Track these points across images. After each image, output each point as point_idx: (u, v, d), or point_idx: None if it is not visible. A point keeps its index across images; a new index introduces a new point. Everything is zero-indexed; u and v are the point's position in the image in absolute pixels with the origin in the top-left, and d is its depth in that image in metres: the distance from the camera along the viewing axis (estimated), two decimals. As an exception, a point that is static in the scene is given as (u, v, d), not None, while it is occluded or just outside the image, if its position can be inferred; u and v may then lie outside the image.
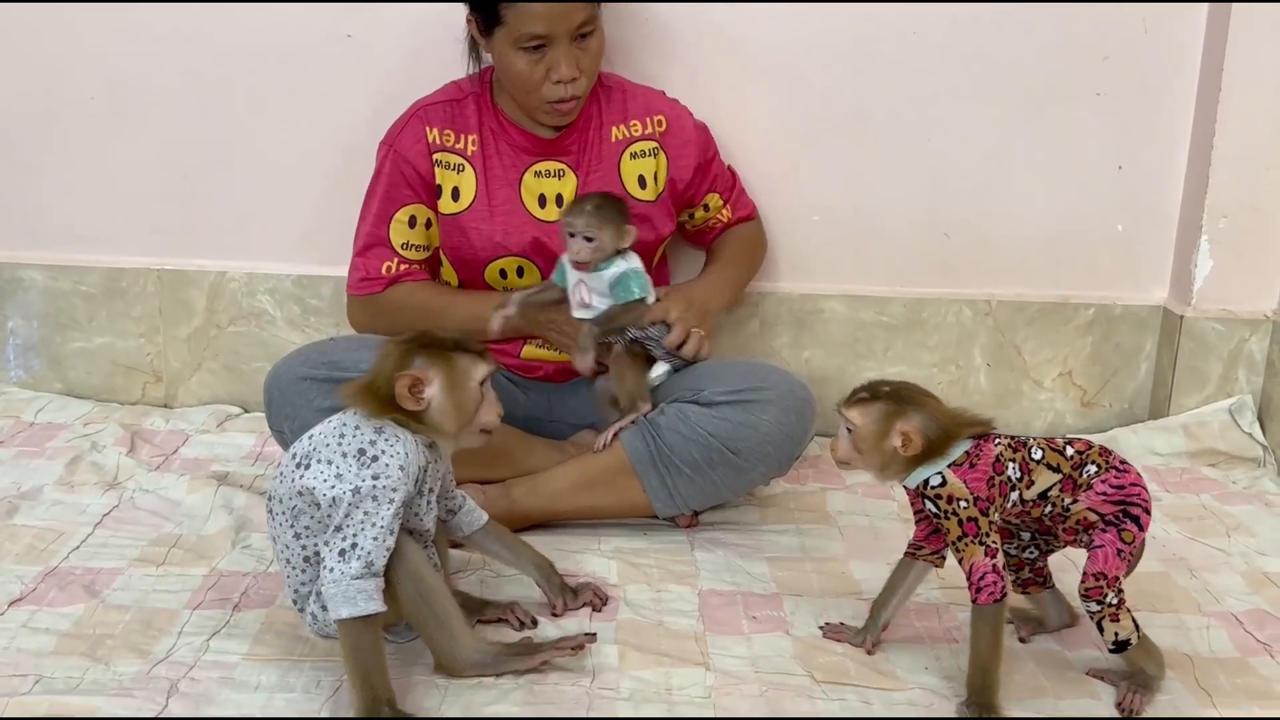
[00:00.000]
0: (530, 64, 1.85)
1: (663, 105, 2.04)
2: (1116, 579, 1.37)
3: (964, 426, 1.40)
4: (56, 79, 2.28)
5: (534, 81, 1.86)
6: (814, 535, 1.88)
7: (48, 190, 2.35)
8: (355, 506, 1.33)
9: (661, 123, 2.02)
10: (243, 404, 2.39)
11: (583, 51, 1.87)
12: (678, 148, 2.03)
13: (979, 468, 1.38)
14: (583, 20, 1.84)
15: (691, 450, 1.81)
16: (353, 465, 1.35)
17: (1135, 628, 1.40)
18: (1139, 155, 2.28)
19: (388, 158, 1.97)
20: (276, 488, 1.41)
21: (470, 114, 1.97)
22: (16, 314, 2.38)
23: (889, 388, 1.42)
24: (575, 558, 1.77)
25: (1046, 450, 1.41)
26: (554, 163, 1.98)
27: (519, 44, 1.83)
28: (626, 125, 2.01)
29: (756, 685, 1.44)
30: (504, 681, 1.42)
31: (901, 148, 2.28)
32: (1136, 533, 1.39)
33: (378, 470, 1.34)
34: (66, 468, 2.03)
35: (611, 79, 2.04)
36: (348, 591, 1.31)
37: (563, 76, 1.85)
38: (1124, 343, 2.36)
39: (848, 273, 2.35)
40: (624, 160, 2.00)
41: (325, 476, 1.36)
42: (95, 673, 1.43)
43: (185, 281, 2.35)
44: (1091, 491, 1.40)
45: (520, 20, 1.81)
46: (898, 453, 1.38)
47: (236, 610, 1.59)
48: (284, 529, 1.41)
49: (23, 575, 1.67)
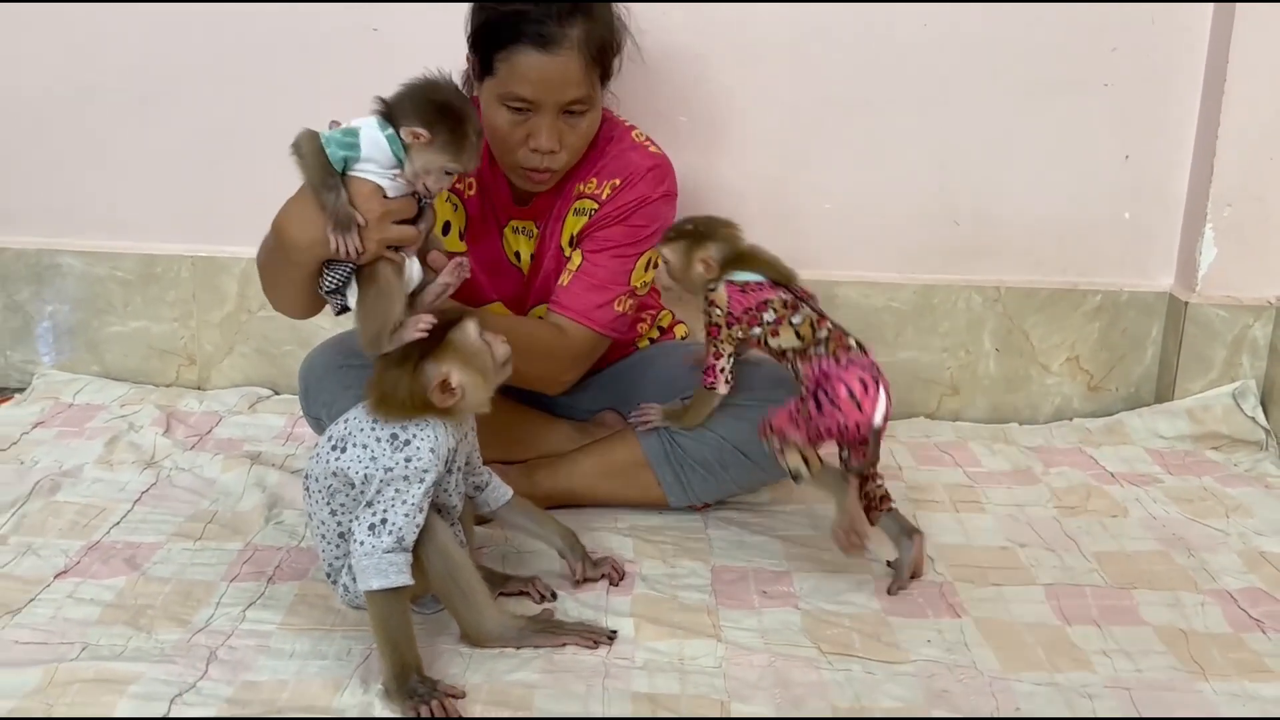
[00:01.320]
0: (511, 123, 1.74)
1: (631, 171, 1.85)
2: (781, 430, 1.61)
3: (761, 262, 1.72)
4: (90, 70, 2.36)
5: (512, 142, 1.75)
6: (823, 515, 1.92)
7: (84, 179, 2.43)
8: (387, 484, 1.40)
9: (615, 185, 1.86)
10: (273, 386, 2.47)
11: (569, 127, 1.75)
12: (605, 207, 1.86)
13: (749, 296, 1.69)
14: (575, 98, 1.72)
15: (705, 451, 1.84)
16: (386, 449, 1.42)
17: (807, 468, 1.61)
18: (1146, 145, 2.33)
19: None
20: (313, 468, 1.49)
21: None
22: (55, 299, 2.46)
23: (691, 225, 1.74)
24: (593, 534, 1.83)
25: (807, 322, 1.67)
26: (526, 220, 1.92)
27: (504, 100, 1.72)
28: (586, 181, 1.87)
29: (765, 656, 1.50)
30: (524, 651, 1.49)
31: (912, 137, 2.33)
32: (814, 411, 1.60)
33: (410, 453, 1.41)
34: (105, 447, 2.11)
35: (615, 131, 1.89)
36: (379, 564, 1.38)
37: (540, 146, 1.73)
38: (1130, 328, 2.41)
39: (859, 259, 2.40)
40: (569, 216, 1.89)
41: (360, 459, 1.43)
42: (138, 640, 1.51)
43: (217, 268, 2.43)
44: (809, 365, 1.64)
45: (510, 78, 1.70)
46: (703, 275, 1.71)
47: (271, 582, 1.67)
48: (320, 506, 1.48)
49: (67, 549, 1.75)
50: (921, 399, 2.44)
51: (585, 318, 1.85)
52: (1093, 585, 1.71)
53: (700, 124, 2.29)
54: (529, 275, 1.95)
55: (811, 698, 1.41)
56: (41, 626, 1.53)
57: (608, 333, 1.89)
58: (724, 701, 1.40)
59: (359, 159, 1.45)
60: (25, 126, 2.40)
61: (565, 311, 1.85)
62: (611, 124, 1.90)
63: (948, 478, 2.11)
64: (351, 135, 1.44)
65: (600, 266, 1.85)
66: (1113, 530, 1.90)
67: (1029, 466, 2.16)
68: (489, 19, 1.72)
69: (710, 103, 2.16)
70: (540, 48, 1.68)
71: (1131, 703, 1.41)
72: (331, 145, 1.44)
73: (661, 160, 1.89)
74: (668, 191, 1.88)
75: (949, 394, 2.44)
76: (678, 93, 2.28)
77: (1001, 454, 2.22)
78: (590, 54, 1.71)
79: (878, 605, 1.64)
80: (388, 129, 1.44)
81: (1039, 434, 2.35)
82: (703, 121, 2.29)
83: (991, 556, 1.80)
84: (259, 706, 1.37)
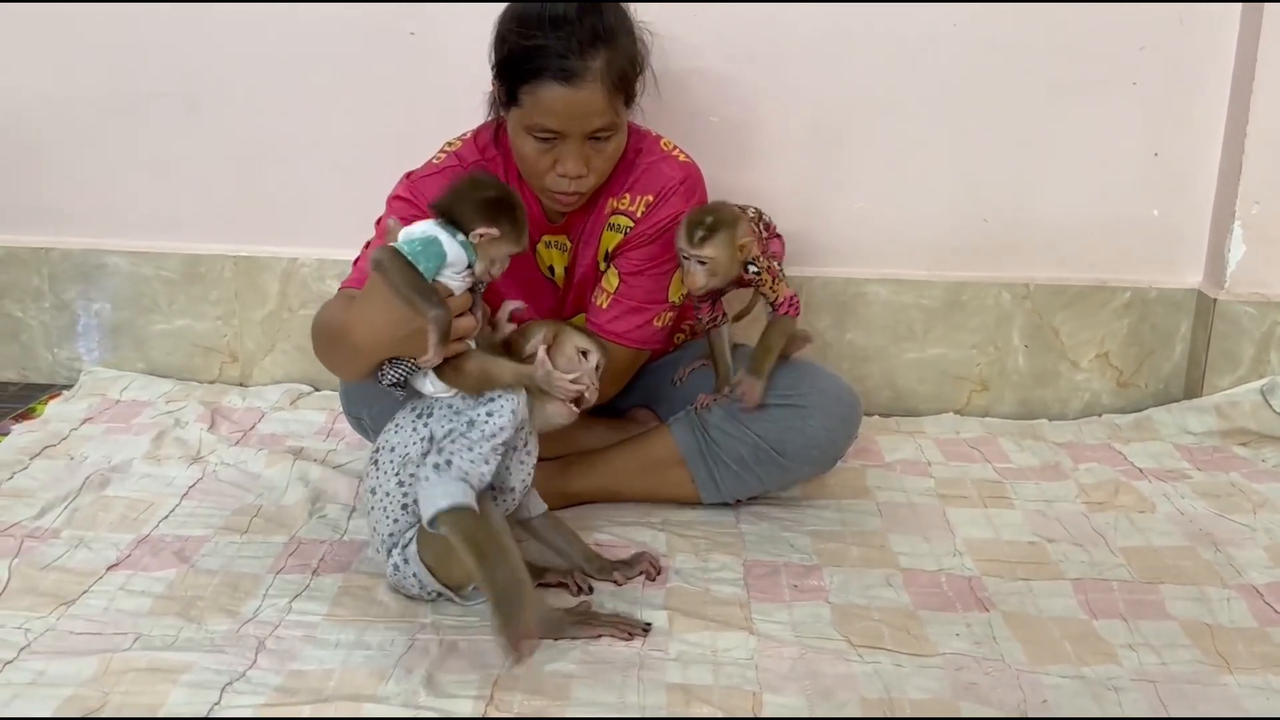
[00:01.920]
0: (538, 151, 1.75)
1: (663, 186, 1.88)
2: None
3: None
4: (135, 74, 2.41)
5: (539, 168, 1.77)
6: (853, 510, 1.97)
7: (129, 181, 2.48)
8: (462, 435, 1.47)
9: (649, 202, 1.88)
10: (313, 383, 2.52)
11: (595, 151, 1.76)
12: (640, 226, 1.89)
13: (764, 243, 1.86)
14: (601, 126, 1.73)
15: (739, 449, 1.87)
16: (470, 402, 1.50)
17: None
18: (1174, 142, 2.34)
19: (408, 191, 1.86)
20: (390, 438, 1.55)
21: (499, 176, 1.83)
22: (101, 298, 2.53)
23: (713, 217, 1.77)
24: (626, 529, 1.87)
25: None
26: (559, 235, 1.94)
27: (530, 131, 1.73)
28: (619, 198, 1.89)
29: (796, 648, 1.53)
30: (562, 642, 1.53)
31: (940, 136, 2.36)
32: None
33: (492, 409, 1.49)
34: (153, 442, 2.16)
35: (644, 143, 1.91)
36: (447, 487, 1.43)
37: (568, 172, 1.75)
38: (1159, 325, 2.42)
39: (888, 257, 2.43)
40: (605, 231, 1.92)
41: (445, 415, 1.51)
42: (189, 631, 1.55)
43: (259, 267, 2.48)
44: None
45: (535, 110, 1.71)
46: (744, 256, 1.79)
47: (315, 575, 1.71)
48: (388, 478, 1.55)
49: (118, 542, 1.80)
50: (951, 395, 2.47)
51: (626, 339, 1.91)
52: (1120, 580, 1.73)
53: (730, 125, 2.32)
54: (564, 288, 1.99)
55: (841, 689, 1.45)
56: (95, 618, 1.58)
57: (649, 348, 1.96)
58: (756, 693, 1.44)
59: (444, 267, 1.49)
60: (73, 130, 2.46)
61: (607, 336, 1.90)
62: (639, 135, 1.91)
63: (977, 473, 2.13)
64: (434, 245, 1.47)
65: (637, 287, 1.90)
66: (1140, 525, 1.92)
67: (1058, 462, 2.19)
68: (511, 53, 1.73)
69: (740, 104, 2.19)
70: (563, 81, 1.69)
71: (1157, 696, 1.44)
72: (422, 260, 1.47)
73: (691, 170, 1.91)
74: (699, 203, 1.90)
75: (978, 390, 2.46)
76: (707, 94, 2.31)
77: (1030, 450, 2.25)
78: (613, 82, 1.72)
79: (906, 599, 1.67)
80: (458, 234, 1.49)
81: (1068, 430, 2.37)
82: (732, 122, 2.32)
83: (1020, 551, 1.82)
84: (307, 695, 1.41)
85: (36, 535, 1.81)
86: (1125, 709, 1.42)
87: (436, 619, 1.59)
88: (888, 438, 2.30)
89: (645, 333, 1.92)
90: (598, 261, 1.95)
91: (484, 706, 1.40)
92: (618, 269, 1.91)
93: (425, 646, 1.52)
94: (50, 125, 2.46)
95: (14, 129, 2.47)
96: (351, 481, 2.00)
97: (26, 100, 2.45)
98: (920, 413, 2.47)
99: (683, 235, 1.78)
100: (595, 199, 1.90)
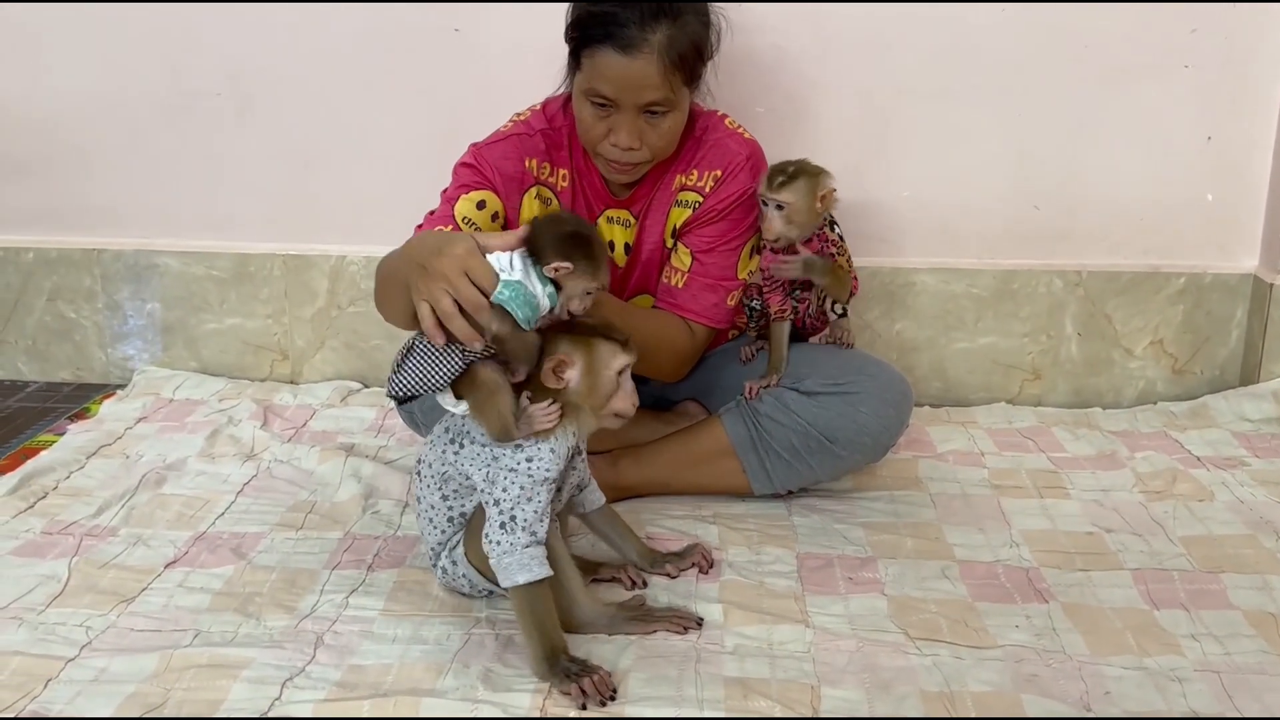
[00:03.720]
0: (595, 117, 1.78)
1: (730, 162, 1.90)
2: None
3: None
4: (184, 75, 2.43)
5: (595, 135, 1.80)
6: (906, 502, 1.96)
7: (179, 182, 2.51)
8: (512, 483, 1.45)
9: (717, 177, 1.91)
10: (362, 379, 2.54)
11: (650, 127, 1.78)
12: (709, 202, 1.92)
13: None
14: (654, 100, 1.75)
15: (790, 437, 1.86)
16: (507, 449, 1.47)
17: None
18: (1227, 126, 2.31)
19: (474, 158, 1.90)
20: (428, 454, 1.55)
21: (564, 147, 1.91)
22: (153, 298, 2.55)
23: (794, 166, 1.81)
24: (678, 522, 1.87)
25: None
26: (622, 210, 1.95)
27: (588, 96, 1.77)
28: (686, 174, 1.92)
29: (854, 641, 1.53)
30: (617, 637, 1.53)
31: (990, 122, 2.33)
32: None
33: (531, 454, 1.46)
34: (207, 440, 2.18)
35: (708, 120, 1.94)
36: (522, 559, 1.43)
37: (620, 143, 1.77)
38: (1214, 311, 2.39)
39: (938, 246, 2.41)
40: (673, 208, 1.94)
41: (481, 458, 1.49)
42: (248, 627, 1.57)
43: (308, 265, 2.50)
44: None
45: (593, 75, 1.75)
46: (818, 211, 1.81)
47: (371, 570, 1.72)
48: (431, 491, 1.55)
49: (175, 540, 1.82)
50: (1002, 384, 2.45)
51: (705, 317, 1.94)
52: (1180, 570, 1.71)
53: (778, 115, 2.31)
54: (627, 265, 1.99)
55: (900, 682, 1.44)
56: (155, 614, 1.60)
57: (723, 326, 1.99)
58: (814, 686, 1.43)
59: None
60: (125, 131, 2.48)
61: (688, 314, 1.93)
62: (705, 114, 1.95)
63: (1031, 463, 2.11)
64: (529, 295, 1.44)
65: (711, 264, 1.92)
66: (1199, 514, 1.89)
67: (1113, 451, 2.16)
68: (580, 16, 1.77)
69: (788, 94, 2.18)
70: (621, 50, 1.71)
71: (1222, 686, 1.42)
72: (523, 311, 1.43)
73: (755, 147, 1.94)
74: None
75: (1030, 379, 2.44)
76: (756, 85, 2.30)
77: (1085, 439, 2.22)
78: (671, 59, 1.73)
79: (964, 591, 1.66)
80: (547, 283, 1.46)
81: (1123, 418, 2.34)
82: (780, 113, 2.31)
83: (1078, 542, 1.80)
84: (366, 689, 1.42)
85: (95, 534, 1.83)
86: (1189, 700, 1.40)
87: (491, 613, 1.60)
88: (939, 428, 2.28)
89: (720, 311, 1.95)
90: (664, 239, 1.96)
91: (542, 700, 1.40)
92: (689, 247, 1.93)
93: (481, 641, 1.53)
94: (100, 126, 2.49)
95: (64, 130, 2.50)
96: (403, 477, 2.01)
97: (77, 101, 2.47)
98: (971, 403, 2.45)
99: (764, 181, 1.83)
100: (661, 175, 1.92)
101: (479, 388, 1.47)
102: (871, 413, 1.85)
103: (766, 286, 1.94)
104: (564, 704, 1.39)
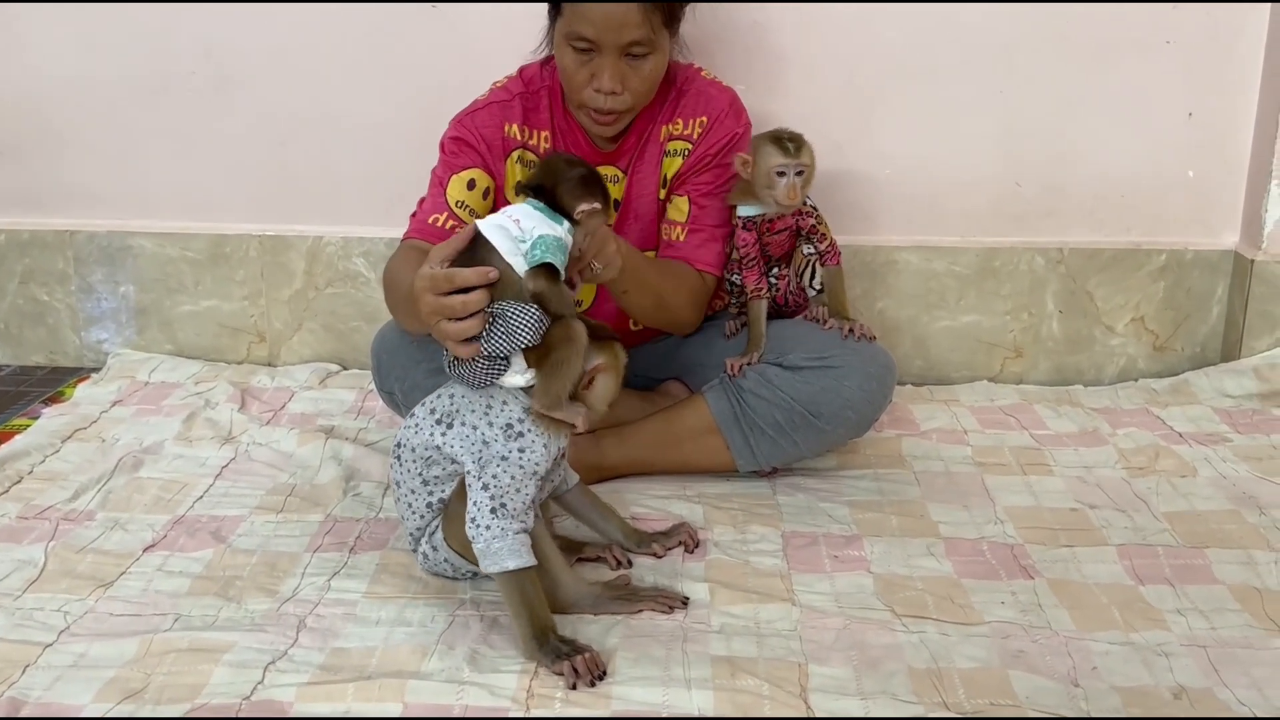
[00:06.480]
0: (577, 63, 1.80)
1: (713, 108, 1.94)
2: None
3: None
4: (160, 55, 2.40)
5: (578, 82, 1.81)
6: (890, 480, 1.95)
7: (154, 162, 2.47)
8: (503, 471, 1.44)
9: (703, 123, 1.94)
10: (341, 361, 2.51)
11: (632, 69, 1.80)
12: (699, 149, 1.95)
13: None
14: (635, 39, 1.76)
15: (774, 412, 1.85)
16: (499, 435, 1.46)
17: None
18: (1209, 102, 2.31)
19: (459, 130, 1.91)
20: (410, 438, 1.52)
21: (543, 109, 1.93)
22: (127, 280, 2.52)
23: (787, 132, 1.85)
24: (662, 502, 1.86)
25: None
26: (610, 168, 1.95)
27: (569, 40, 1.79)
28: (672, 123, 1.95)
29: (840, 619, 1.52)
30: (603, 617, 1.52)
31: (972, 99, 2.33)
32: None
33: (524, 445, 1.45)
34: (184, 424, 2.16)
35: (686, 73, 1.97)
36: (513, 545, 1.42)
37: (603, 87, 1.79)
38: (1195, 287, 2.39)
39: (920, 224, 2.40)
40: (664, 159, 1.96)
41: (471, 440, 1.47)
42: (229, 611, 1.55)
43: (285, 246, 2.47)
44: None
45: (574, 18, 1.77)
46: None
47: (353, 553, 1.71)
48: (411, 476, 1.52)
49: (153, 523, 1.80)
50: (984, 362, 2.44)
51: (713, 266, 1.97)
52: (1165, 545, 1.71)
53: (759, 90, 2.28)
54: (618, 221, 1.98)
55: (888, 659, 1.43)
56: (134, 599, 1.58)
57: (721, 274, 2.00)
58: (801, 664, 1.42)
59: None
60: (96, 111, 2.45)
61: (698, 264, 1.95)
62: (682, 68, 1.97)
63: (1014, 440, 2.11)
64: (558, 243, 1.44)
65: (711, 209, 1.95)
66: (1183, 490, 1.89)
67: (1095, 428, 2.16)
68: None
69: (769, 69, 2.16)
70: None
71: (1208, 660, 1.42)
72: (560, 257, 1.44)
73: (733, 93, 1.98)
74: (747, 123, 1.98)
75: (1012, 357, 2.44)
76: (736, 59, 2.28)
77: (1067, 416, 2.22)
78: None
79: (949, 568, 1.66)
80: (563, 221, 1.46)
81: (1104, 395, 2.35)
82: (761, 88, 2.29)
83: (1062, 518, 1.80)
84: (350, 672, 1.41)
85: (71, 518, 1.81)
86: (1176, 675, 1.40)
87: (476, 595, 1.58)
88: (922, 406, 2.28)
89: (723, 258, 1.98)
90: (658, 191, 1.96)
91: (529, 681, 1.39)
92: (688, 195, 1.95)
93: (466, 622, 1.52)
94: (73, 106, 2.45)
95: (36, 110, 2.46)
96: (384, 459, 1.99)
97: (49, 81, 2.44)
98: (953, 381, 2.44)
99: (775, 153, 1.83)
100: (646, 128, 1.94)
101: (571, 341, 1.45)
102: (855, 386, 1.84)
103: (744, 264, 1.93)
104: (551, 684, 1.38)
